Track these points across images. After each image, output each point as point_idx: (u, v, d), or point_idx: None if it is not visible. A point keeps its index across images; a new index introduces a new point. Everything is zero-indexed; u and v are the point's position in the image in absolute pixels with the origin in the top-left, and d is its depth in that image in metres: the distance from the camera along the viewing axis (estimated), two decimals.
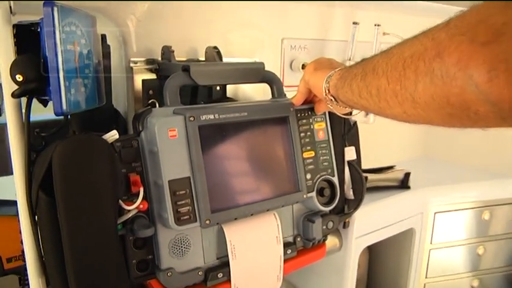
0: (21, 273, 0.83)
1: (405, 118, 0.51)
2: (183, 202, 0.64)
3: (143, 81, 0.88)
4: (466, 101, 0.40)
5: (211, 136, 0.68)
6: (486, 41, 0.37)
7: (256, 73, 0.79)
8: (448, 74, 0.40)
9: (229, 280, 0.72)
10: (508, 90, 0.36)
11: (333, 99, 0.67)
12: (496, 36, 0.36)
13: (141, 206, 0.64)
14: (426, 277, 1.28)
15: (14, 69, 0.61)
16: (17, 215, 0.80)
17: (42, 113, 0.72)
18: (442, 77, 0.41)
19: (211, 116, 0.67)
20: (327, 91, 0.67)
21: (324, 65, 0.71)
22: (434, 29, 0.44)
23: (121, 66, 0.88)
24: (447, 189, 1.25)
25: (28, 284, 0.74)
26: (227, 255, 0.71)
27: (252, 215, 0.71)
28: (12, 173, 0.80)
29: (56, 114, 0.63)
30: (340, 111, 0.73)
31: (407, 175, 1.22)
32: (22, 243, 0.70)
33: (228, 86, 0.95)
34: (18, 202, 0.66)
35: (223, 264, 0.72)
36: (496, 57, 0.36)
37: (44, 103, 0.70)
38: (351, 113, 0.81)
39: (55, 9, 0.59)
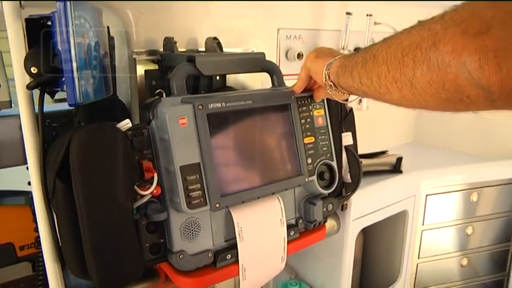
0: (35, 260, 0.86)
1: (403, 102, 0.55)
2: (193, 187, 0.67)
3: (146, 71, 0.90)
4: (460, 86, 0.45)
5: (218, 123, 0.71)
6: (477, 32, 0.42)
7: (257, 63, 0.82)
8: (443, 62, 0.45)
9: (237, 261, 0.75)
10: (496, 75, 0.41)
11: (333, 85, 0.71)
12: (486, 28, 0.41)
13: (155, 191, 0.66)
14: (419, 257, 1.33)
15: (28, 62, 0.63)
16: (29, 204, 0.82)
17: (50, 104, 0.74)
18: (438, 64, 0.46)
19: (219, 104, 0.70)
20: (327, 77, 0.71)
21: (324, 53, 0.75)
22: (430, 20, 0.48)
23: (124, 57, 0.90)
24: (437, 173, 1.30)
25: (42, 270, 0.77)
26: (235, 238, 0.74)
27: (258, 198, 0.75)
28: (20, 164, 0.82)
29: (70, 105, 0.65)
30: (338, 97, 0.76)
31: (399, 160, 1.26)
32: (35, 230, 0.72)
33: (228, 77, 0.97)
34: (33, 191, 0.68)
35: (231, 246, 0.76)
36: (486, 47, 0.41)
37: (51, 94, 0.72)
38: (347, 100, 0.85)
39: (68, 3, 0.61)
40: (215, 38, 0.92)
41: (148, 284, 0.79)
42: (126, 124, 0.66)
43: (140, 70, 0.90)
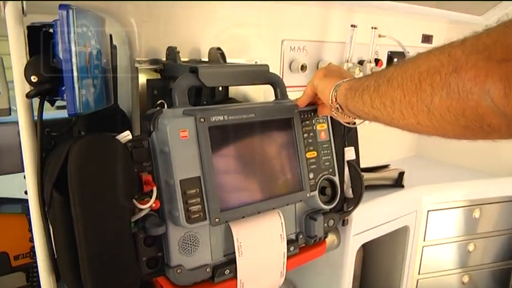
0: (29, 270, 0.84)
1: (418, 129, 0.53)
2: (193, 201, 0.66)
3: (148, 81, 0.89)
4: (481, 113, 0.43)
5: (220, 137, 0.70)
6: (502, 58, 0.40)
7: (261, 75, 0.81)
8: (464, 89, 0.43)
9: (235, 276, 0.74)
10: None
11: (339, 108, 0.69)
12: None
13: (154, 205, 0.65)
14: (419, 273, 1.31)
15: (29, 70, 0.62)
16: (25, 213, 0.81)
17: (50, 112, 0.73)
18: (459, 91, 0.44)
19: (221, 117, 0.69)
20: (334, 99, 0.69)
21: (333, 73, 0.73)
22: (449, 46, 0.47)
23: (126, 66, 0.89)
24: (440, 188, 1.29)
25: (36, 281, 0.75)
26: (234, 253, 0.73)
27: (259, 213, 0.73)
28: (18, 171, 0.81)
29: (69, 115, 0.64)
30: (343, 119, 0.74)
31: (401, 174, 1.25)
32: (31, 240, 0.71)
33: (231, 89, 0.96)
34: (29, 200, 0.67)
35: (230, 261, 0.74)
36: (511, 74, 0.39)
37: (51, 102, 0.71)
38: (354, 123, 0.83)
39: (70, 12, 0.60)
40: (218, 49, 0.91)
41: None
42: (126, 136, 0.64)
43: (142, 79, 0.89)
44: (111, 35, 0.82)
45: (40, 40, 0.65)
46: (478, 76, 0.42)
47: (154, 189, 0.65)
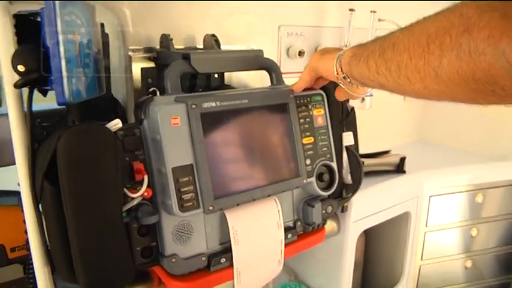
0: (26, 262, 0.84)
1: (425, 94, 0.52)
2: (186, 189, 0.65)
3: (142, 69, 0.88)
4: (494, 76, 0.41)
5: (213, 123, 0.68)
6: None
7: (255, 60, 0.79)
8: (476, 49, 0.41)
9: (231, 265, 0.73)
10: None
11: (346, 77, 0.67)
12: None
13: (146, 194, 0.64)
14: (422, 259, 1.30)
15: (15, 60, 0.61)
16: (20, 205, 0.80)
17: (40, 103, 0.72)
18: (470, 52, 0.41)
19: (213, 104, 0.68)
20: (340, 69, 0.67)
21: (330, 50, 0.72)
22: (461, 5, 0.44)
23: (119, 54, 0.88)
24: (442, 173, 1.27)
25: (32, 273, 0.75)
26: (229, 241, 0.72)
27: (253, 200, 0.72)
28: (12, 164, 0.80)
29: (59, 104, 0.63)
30: (356, 92, 0.72)
31: (402, 159, 1.24)
32: (26, 232, 0.71)
33: (227, 75, 0.95)
34: (22, 192, 0.67)
35: (226, 250, 0.74)
36: None
37: (44, 93, 0.70)
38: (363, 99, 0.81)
39: None
40: (213, 35, 0.90)
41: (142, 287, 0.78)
42: (116, 124, 0.63)
43: (136, 68, 0.88)
44: (102, 24, 0.80)
45: (28, 29, 0.64)
46: (492, 35, 0.39)
47: (145, 177, 0.64)
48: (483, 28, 0.40)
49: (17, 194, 0.86)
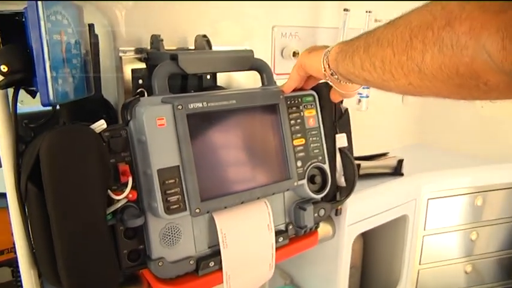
0: (14, 265, 0.83)
1: (410, 90, 0.51)
2: (172, 191, 0.64)
3: (133, 70, 0.87)
4: (477, 70, 0.40)
5: (200, 124, 0.67)
6: (500, 9, 0.36)
7: (245, 61, 0.78)
8: (458, 44, 0.40)
9: (220, 269, 0.72)
10: None
11: (334, 73, 0.66)
12: (509, 6, 0.36)
13: (130, 196, 0.63)
14: (420, 263, 1.28)
15: None
16: (7, 207, 0.79)
17: (34, 104, 0.72)
18: (452, 46, 0.41)
19: (200, 104, 0.66)
20: (327, 66, 0.67)
21: (318, 48, 0.71)
22: None
23: (110, 55, 0.87)
24: (440, 176, 1.25)
25: (20, 276, 0.74)
26: (218, 244, 0.71)
27: (242, 203, 0.71)
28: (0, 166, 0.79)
29: (43, 105, 0.62)
30: (345, 89, 0.72)
31: (400, 162, 1.22)
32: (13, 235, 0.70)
33: (220, 76, 0.94)
34: (7, 194, 0.66)
35: (215, 253, 0.72)
36: (510, 24, 0.36)
37: (32, 94, 0.69)
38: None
39: None
40: (204, 36, 0.89)
41: None
42: (100, 125, 0.63)
43: (127, 69, 0.87)
44: (92, 24, 0.80)
45: (12, 29, 0.63)
46: (473, 29, 0.38)
47: (130, 179, 0.63)
48: (464, 21, 0.39)
49: (4, 196, 0.85)
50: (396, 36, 0.49)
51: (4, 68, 0.60)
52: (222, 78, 0.96)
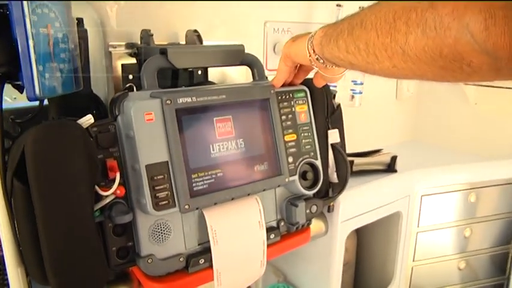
0: (0, 263, 0.82)
1: (394, 72, 0.51)
2: (161, 187, 0.63)
3: (123, 65, 0.86)
4: (460, 52, 0.40)
5: (189, 119, 0.66)
6: None
7: (235, 55, 0.77)
8: (441, 25, 0.40)
9: (211, 266, 0.71)
10: (505, 38, 0.36)
11: (319, 58, 0.66)
12: None
13: (118, 192, 0.62)
14: (414, 260, 1.28)
15: None
16: None
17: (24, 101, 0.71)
18: (435, 27, 0.41)
19: (189, 99, 0.66)
20: (312, 51, 0.66)
21: (302, 35, 0.71)
22: None
23: (100, 50, 0.86)
24: (434, 172, 1.25)
25: (7, 274, 0.73)
26: (209, 241, 0.70)
27: (232, 199, 0.70)
28: None
29: (29, 99, 0.61)
30: (330, 73, 0.71)
31: (394, 158, 1.21)
32: None
33: (213, 73, 0.93)
34: None
35: (205, 250, 0.71)
36: (493, 5, 0.36)
37: (20, 89, 0.68)
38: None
39: None
40: (195, 31, 0.88)
41: None
42: (87, 120, 0.62)
43: (117, 64, 0.86)
44: (81, 19, 0.78)
45: None
46: (456, 9, 0.38)
47: (117, 174, 0.62)
48: (447, 3, 0.39)
49: None
50: (380, 18, 0.48)
51: None
52: (215, 75, 0.95)
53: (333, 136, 0.87)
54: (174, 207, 0.64)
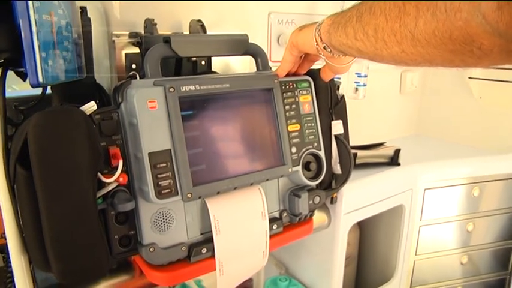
0: (5, 251, 0.82)
1: (403, 58, 0.50)
2: (163, 175, 0.63)
3: (126, 55, 0.86)
4: (471, 34, 0.39)
5: (192, 107, 0.66)
6: None
7: (239, 45, 0.77)
8: (452, 7, 0.39)
9: (213, 256, 0.71)
10: None
11: (326, 47, 0.66)
12: None
13: (121, 179, 0.62)
14: (416, 254, 1.28)
15: None
16: None
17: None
18: (446, 10, 0.40)
19: (192, 87, 0.65)
20: (319, 39, 0.66)
21: (308, 24, 0.70)
22: None
23: (103, 39, 0.86)
24: (437, 166, 1.24)
25: (11, 262, 0.73)
26: (211, 231, 0.70)
27: (235, 188, 0.70)
28: None
29: (32, 86, 0.61)
30: (338, 62, 0.71)
31: (397, 151, 1.21)
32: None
33: (218, 63, 0.93)
34: None
35: (208, 240, 0.71)
36: None
37: (23, 77, 0.68)
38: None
39: None
40: (199, 20, 0.88)
41: (124, 278, 0.76)
42: (90, 107, 0.61)
43: (121, 53, 0.86)
44: (85, 8, 0.78)
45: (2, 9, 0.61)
46: None
47: (120, 162, 0.62)
48: None
49: None
50: (389, 2, 0.48)
51: None
52: (219, 65, 0.95)
53: (337, 127, 0.87)
54: (177, 196, 0.64)
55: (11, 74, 0.65)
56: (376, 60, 0.56)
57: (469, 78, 1.44)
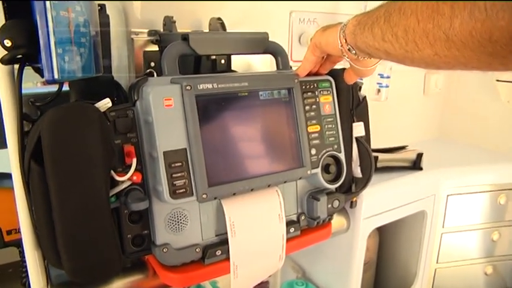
0: (21, 245, 0.83)
1: (435, 61, 0.47)
2: (178, 175, 0.62)
3: (144, 52, 0.85)
4: None
5: (209, 106, 0.65)
6: None
7: (259, 43, 0.75)
8: (493, 5, 0.36)
9: (228, 258, 0.69)
10: None
11: (351, 48, 0.63)
12: None
13: (135, 178, 0.61)
14: (437, 262, 1.24)
15: (2, 34, 0.58)
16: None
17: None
18: (486, 9, 0.37)
19: (209, 86, 0.64)
20: (344, 40, 0.63)
21: (333, 25, 0.68)
22: None
23: (122, 37, 0.85)
24: (461, 172, 1.20)
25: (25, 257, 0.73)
26: (226, 233, 0.68)
27: (252, 190, 0.68)
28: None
29: (47, 82, 0.60)
30: (363, 65, 0.68)
31: (419, 156, 1.17)
32: None
33: (238, 63, 0.91)
34: (12, 174, 0.64)
35: (222, 242, 0.70)
36: None
37: (41, 73, 0.68)
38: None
39: None
40: (219, 18, 0.86)
41: (138, 277, 0.75)
42: (105, 104, 0.60)
43: (139, 51, 0.85)
44: (104, 5, 0.78)
45: (18, 4, 0.61)
46: None
47: (134, 160, 0.61)
48: None
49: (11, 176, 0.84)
50: (421, 2, 0.45)
51: (8, 43, 0.58)
52: (239, 64, 0.93)
53: (358, 129, 0.84)
54: (192, 196, 0.62)
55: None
56: (406, 63, 0.53)
57: (497, 80, 1.39)
